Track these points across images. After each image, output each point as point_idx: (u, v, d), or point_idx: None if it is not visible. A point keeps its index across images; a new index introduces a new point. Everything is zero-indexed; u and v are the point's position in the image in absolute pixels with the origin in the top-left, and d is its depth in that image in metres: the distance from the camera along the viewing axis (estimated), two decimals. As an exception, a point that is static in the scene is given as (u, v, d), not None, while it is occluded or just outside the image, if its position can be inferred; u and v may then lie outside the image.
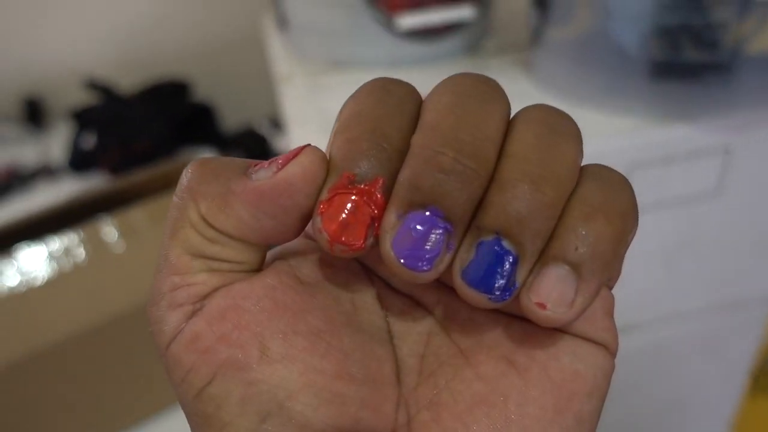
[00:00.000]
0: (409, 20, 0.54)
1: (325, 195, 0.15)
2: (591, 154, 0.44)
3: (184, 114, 1.01)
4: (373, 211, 0.15)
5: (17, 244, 0.55)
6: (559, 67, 0.48)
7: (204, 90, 1.11)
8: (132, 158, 0.93)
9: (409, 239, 0.14)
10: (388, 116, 0.16)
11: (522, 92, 0.51)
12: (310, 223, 0.16)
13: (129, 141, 0.94)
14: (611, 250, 0.15)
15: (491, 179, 0.15)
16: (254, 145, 1.02)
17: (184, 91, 1.04)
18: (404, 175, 0.15)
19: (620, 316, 0.57)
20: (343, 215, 0.15)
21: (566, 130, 0.16)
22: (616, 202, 0.15)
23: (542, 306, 0.15)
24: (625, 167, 0.44)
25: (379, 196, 0.15)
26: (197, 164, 0.16)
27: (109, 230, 0.56)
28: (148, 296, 0.16)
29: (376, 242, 0.15)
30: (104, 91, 0.99)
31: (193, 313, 0.15)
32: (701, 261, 0.52)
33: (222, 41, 1.15)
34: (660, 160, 0.44)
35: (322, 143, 0.16)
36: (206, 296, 0.16)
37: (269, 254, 0.18)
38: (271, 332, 0.15)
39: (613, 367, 0.17)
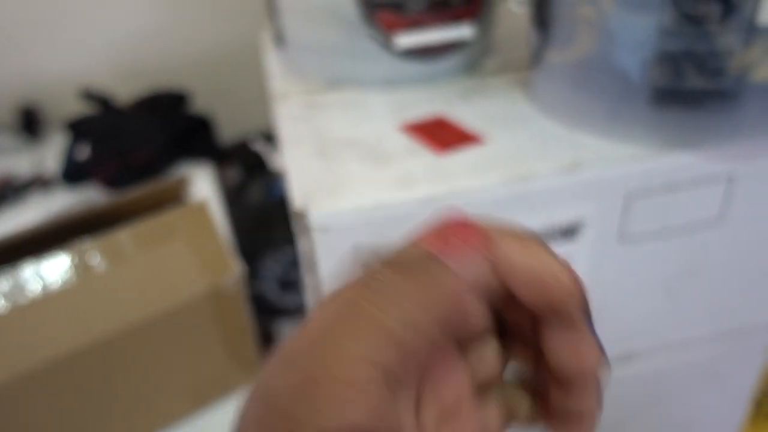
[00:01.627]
0: (407, 40, 0.53)
1: None
2: (591, 182, 0.43)
3: (181, 126, 1.00)
4: None
5: (3, 265, 0.54)
6: (559, 90, 0.47)
7: (201, 102, 1.11)
8: (127, 170, 0.92)
9: None
10: None
11: (521, 114, 0.50)
12: None
13: (125, 152, 0.92)
14: None
15: None
16: (249, 160, 1.01)
17: (181, 102, 1.03)
18: None
19: (623, 344, 0.55)
20: None
21: None
22: None
23: None
24: (626, 195, 0.43)
25: None
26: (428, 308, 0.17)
27: (95, 253, 0.54)
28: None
29: None
30: (101, 102, 0.98)
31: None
32: (703, 289, 0.51)
33: (220, 53, 1.14)
34: (662, 188, 0.43)
35: (317, 164, 0.16)
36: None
37: None
38: None
39: None
